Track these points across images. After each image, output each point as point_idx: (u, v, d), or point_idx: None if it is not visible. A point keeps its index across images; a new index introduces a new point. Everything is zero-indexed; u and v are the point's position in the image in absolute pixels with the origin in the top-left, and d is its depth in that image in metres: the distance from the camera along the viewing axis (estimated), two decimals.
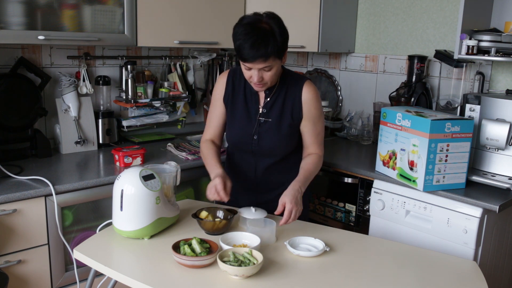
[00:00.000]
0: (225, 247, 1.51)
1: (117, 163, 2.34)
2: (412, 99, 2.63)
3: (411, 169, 2.08)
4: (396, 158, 2.16)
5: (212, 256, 1.45)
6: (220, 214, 1.75)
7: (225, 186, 1.76)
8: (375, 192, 2.30)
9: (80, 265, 1.90)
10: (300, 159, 1.95)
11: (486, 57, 2.18)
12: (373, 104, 2.93)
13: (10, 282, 1.91)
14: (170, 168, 1.78)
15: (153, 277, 1.41)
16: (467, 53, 2.21)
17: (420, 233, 2.14)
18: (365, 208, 2.41)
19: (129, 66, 2.69)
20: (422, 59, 2.65)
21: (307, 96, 1.89)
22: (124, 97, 2.71)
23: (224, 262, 1.40)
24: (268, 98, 1.91)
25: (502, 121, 2.07)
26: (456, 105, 2.57)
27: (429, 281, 1.46)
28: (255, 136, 1.92)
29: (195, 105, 3.09)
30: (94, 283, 1.70)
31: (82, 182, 2.08)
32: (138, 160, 2.36)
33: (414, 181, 2.08)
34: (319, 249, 1.58)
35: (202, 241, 1.52)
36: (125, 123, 2.78)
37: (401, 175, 2.15)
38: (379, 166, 2.28)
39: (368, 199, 2.36)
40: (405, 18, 2.88)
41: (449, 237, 2.04)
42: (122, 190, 1.59)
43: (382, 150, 2.25)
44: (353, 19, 3.10)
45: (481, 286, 1.43)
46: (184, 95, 2.91)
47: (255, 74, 1.76)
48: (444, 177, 2.05)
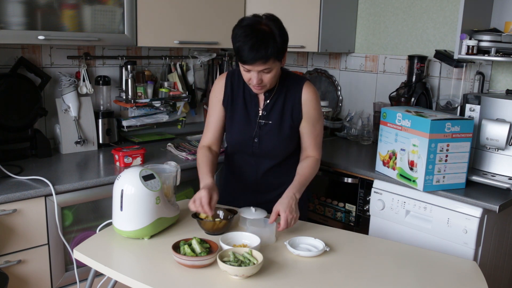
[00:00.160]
0: (225, 247, 1.51)
1: (117, 163, 2.34)
2: (412, 99, 2.63)
3: (411, 169, 2.08)
4: (396, 158, 2.16)
5: (212, 256, 1.45)
6: (220, 214, 1.75)
7: (211, 200, 1.67)
8: (375, 192, 2.30)
9: (80, 265, 1.90)
10: None
11: (486, 57, 2.18)
12: (373, 104, 2.93)
13: (10, 282, 1.91)
14: (170, 168, 1.78)
15: (153, 277, 1.41)
16: (467, 53, 2.21)
17: (420, 233, 2.14)
18: (365, 208, 2.41)
19: (129, 66, 2.69)
20: (422, 59, 2.65)
21: (307, 97, 1.89)
22: (124, 97, 2.71)
23: (224, 262, 1.40)
24: (268, 100, 1.90)
25: (502, 121, 2.07)
26: (456, 105, 2.57)
27: (429, 281, 1.46)
28: (256, 139, 1.91)
29: (195, 105, 3.09)
30: (94, 283, 1.70)
31: (82, 182, 2.08)
32: (138, 160, 2.36)
33: (414, 181, 2.08)
34: (319, 249, 1.58)
35: (202, 241, 1.52)
36: (125, 123, 2.78)
37: (401, 175, 2.15)
38: (379, 166, 2.28)
39: (368, 199, 2.36)
40: (405, 18, 2.88)
41: (449, 237, 2.04)
42: (122, 190, 1.59)
43: (382, 150, 2.25)
44: (353, 19, 3.10)
45: (481, 286, 1.43)
46: (184, 95, 2.91)
47: (255, 76, 1.74)
48: (444, 177, 2.05)
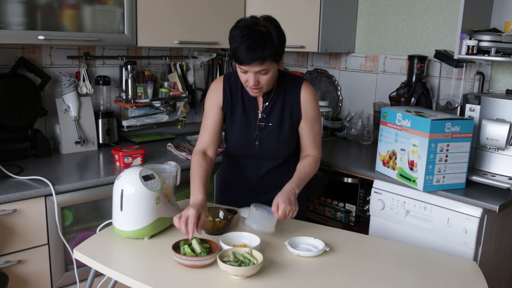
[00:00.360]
0: (225, 247, 1.51)
1: (117, 163, 2.34)
2: (412, 99, 2.63)
3: (411, 169, 2.08)
4: (396, 158, 2.16)
5: (212, 256, 1.45)
6: (220, 214, 1.74)
7: (199, 220, 1.55)
8: (375, 192, 2.30)
9: (80, 265, 1.90)
10: None
11: (486, 57, 2.18)
12: (373, 104, 2.93)
13: (10, 282, 1.91)
14: (170, 168, 1.78)
15: (153, 277, 1.41)
16: (467, 53, 2.21)
17: (420, 233, 2.14)
18: (365, 208, 2.41)
19: (129, 66, 2.69)
20: (422, 59, 2.65)
21: (305, 97, 1.88)
22: (124, 97, 2.71)
23: (224, 262, 1.40)
24: (267, 103, 1.89)
25: (502, 121, 2.07)
26: (456, 105, 2.57)
27: (429, 281, 1.46)
28: (257, 142, 1.91)
29: (195, 105, 3.09)
30: (94, 283, 1.70)
31: (82, 182, 2.08)
32: (138, 160, 2.36)
33: (414, 181, 2.08)
34: (319, 249, 1.58)
35: (202, 241, 1.52)
36: (125, 123, 2.78)
37: (401, 175, 2.15)
38: (379, 166, 2.28)
39: (368, 199, 2.36)
40: (405, 18, 2.88)
41: (449, 237, 2.04)
42: (122, 190, 1.59)
43: (382, 150, 2.25)
44: (353, 19, 3.10)
45: (481, 286, 1.43)
46: (184, 95, 2.91)
47: (251, 78, 1.73)
48: (444, 177, 2.05)
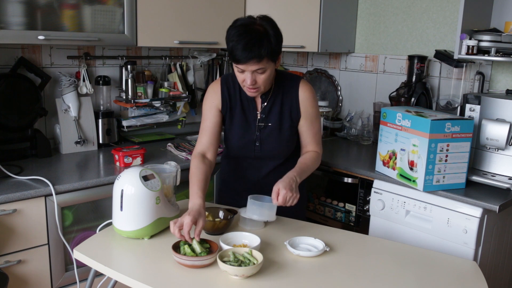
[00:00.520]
0: (225, 247, 1.51)
1: (117, 163, 2.34)
2: (412, 99, 2.63)
3: (411, 169, 2.08)
4: (396, 158, 2.16)
5: (212, 256, 1.45)
6: (220, 214, 1.74)
7: (197, 225, 1.53)
8: (375, 192, 2.30)
9: (80, 265, 1.90)
10: None
11: (486, 57, 2.18)
12: (373, 104, 2.93)
13: (10, 282, 1.91)
14: (170, 168, 1.78)
15: (153, 277, 1.41)
16: (467, 53, 2.21)
17: (420, 233, 2.14)
18: (365, 208, 2.41)
19: (129, 66, 2.69)
20: (422, 59, 2.65)
21: (304, 95, 1.89)
22: (124, 97, 2.71)
23: (224, 262, 1.40)
24: (265, 103, 1.89)
25: (502, 121, 2.07)
26: (456, 105, 2.57)
27: (429, 281, 1.46)
28: (257, 143, 1.91)
29: (195, 105, 3.09)
30: (94, 283, 1.70)
31: (82, 182, 2.08)
32: (138, 160, 2.36)
33: (414, 181, 2.08)
34: (319, 249, 1.58)
35: (202, 241, 1.52)
36: (125, 123, 2.78)
37: (401, 175, 2.15)
38: (379, 166, 2.28)
39: (368, 199, 2.36)
40: (405, 18, 2.88)
41: (449, 237, 2.04)
42: (122, 190, 1.59)
43: (382, 150, 2.25)
44: (353, 19, 3.10)
45: (481, 286, 1.43)
46: (184, 95, 2.91)
47: (248, 77, 1.72)
48: (444, 177, 2.05)
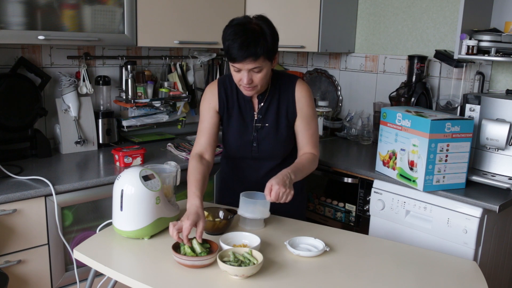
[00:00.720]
0: (225, 247, 1.51)
1: (117, 163, 2.34)
2: (412, 99, 2.63)
3: (411, 169, 2.08)
4: (396, 158, 2.16)
5: (212, 256, 1.45)
6: (220, 214, 1.74)
7: (198, 227, 1.53)
8: (375, 192, 2.30)
9: (80, 265, 1.90)
10: None
11: (486, 57, 2.18)
12: (373, 104, 2.93)
13: (10, 282, 1.91)
14: (170, 168, 1.78)
15: (153, 277, 1.40)
16: (467, 53, 2.21)
17: (420, 233, 2.14)
18: (365, 208, 2.41)
19: (129, 66, 2.69)
20: (422, 59, 2.65)
21: (300, 95, 1.88)
22: (124, 97, 2.71)
23: (224, 262, 1.40)
24: (262, 103, 1.89)
25: (502, 121, 2.07)
26: (456, 105, 2.57)
27: (429, 281, 1.46)
28: (254, 143, 1.91)
29: (195, 105, 3.09)
30: (94, 283, 1.70)
31: (82, 182, 2.08)
32: (138, 160, 2.36)
33: (414, 181, 2.08)
34: (319, 249, 1.58)
35: (202, 241, 1.51)
36: (125, 123, 2.78)
37: (401, 175, 2.15)
38: (379, 166, 2.28)
39: (368, 199, 2.36)
40: (405, 18, 2.88)
41: (449, 237, 2.04)
42: (122, 190, 1.59)
43: (382, 150, 2.25)
44: (353, 19, 3.10)
45: (481, 286, 1.43)
46: (184, 95, 2.91)
47: (245, 76, 1.73)
48: (444, 177, 2.05)
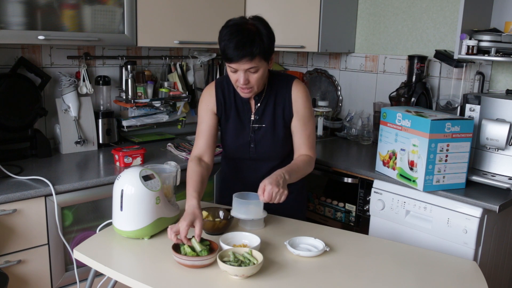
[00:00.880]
0: (225, 247, 1.51)
1: (117, 163, 2.34)
2: (412, 99, 2.63)
3: (411, 169, 2.08)
4: (396, 158, 2.16)
5: (212, 256, 1.45)
6: (220, 214, 1.74)
7: (196, 227, 1.52)
8: (375, 192, 2.30)
9: (80, 265, 1.90)
10: None
11: (486, 57, 2.18)
12: (373, 104, 2.93)
13: (10, 282, 1.91)
14: (170, 168, 1.78)
15: (153, 277, 1.40)
16: (467, 53, 2.21)
17: (420, 233, 2.14)
18: (365, 208, 2.41)
19: (129, 66, 2.69)
20: (422, 59, 2.65)
21: (297, 95, 1.88)
22: (124, 97, 2.71)
23: (224, 262, 1.39)
24: (259, 104, 1.89)
25: (502, 121, 2.07)
26: (456, 105, 2.57)
27: (429, 281, 1.46)
28: (252, 144, 1.91)
29: (195, 105, 3.09)
30: (94, 283, 1.70)
31: (82, 182, 2.08)
32: (138, 160, 2.36)
33: (414, 181, 2.08)
34: (319, 249, 1.58)
35: (202, 240, 1.51)
36: (125, 123, 2.78)
37: (401, 175, 2.15)
38: (379, 166, 2.28)
39: (368, 199, 2.36)
40: (405, 18, 2.88)
41: (449, 237, 2.04)
42: (122, 190, 1.59)
43: (382, 150, 2.25)
44: (353, 19, 3.10)
45: (481, 286, 1.43)
46: (184, 95, 2.91)
47: (241, 76, 1.72)
48: (444, 177, 2.05)
